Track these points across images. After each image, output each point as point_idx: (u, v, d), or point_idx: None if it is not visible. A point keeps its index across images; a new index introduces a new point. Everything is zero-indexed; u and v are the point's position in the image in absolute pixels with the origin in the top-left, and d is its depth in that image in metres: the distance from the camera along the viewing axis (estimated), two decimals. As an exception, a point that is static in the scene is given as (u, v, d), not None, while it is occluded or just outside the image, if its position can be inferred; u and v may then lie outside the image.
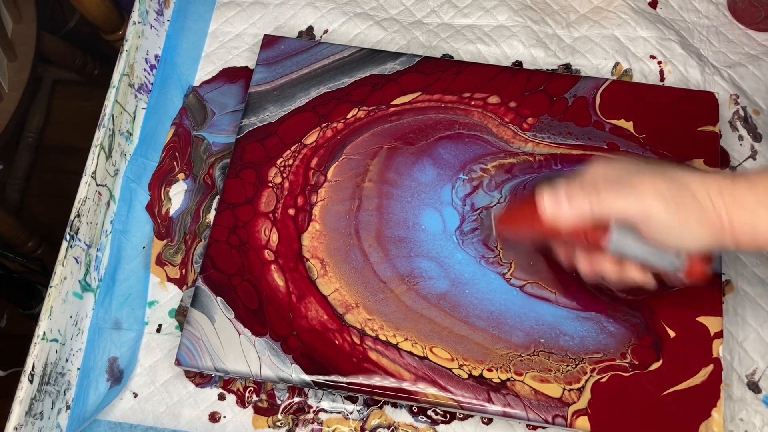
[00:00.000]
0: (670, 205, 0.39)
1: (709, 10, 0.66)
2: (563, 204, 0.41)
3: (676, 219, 0.40)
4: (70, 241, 0.53)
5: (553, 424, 0.50)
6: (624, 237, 0.42)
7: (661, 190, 0.40)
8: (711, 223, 0.40)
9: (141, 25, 0.61)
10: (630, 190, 0.40)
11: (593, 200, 0.40)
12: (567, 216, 0.41)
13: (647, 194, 0.40)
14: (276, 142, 0.59)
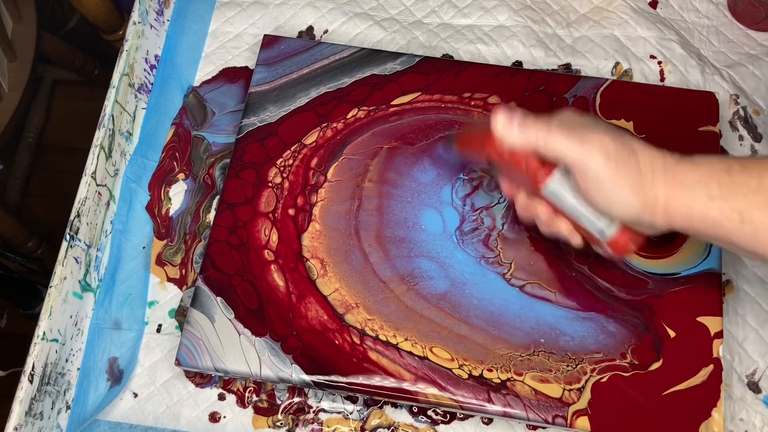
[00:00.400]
0: (609, 163, 0.40)
1: (709, 10, 0.66)
2: (514, 126, 0.42)
3: (610, 178, 0.40)
4: (70, 241, 0.53)
5: (553, 424, 0.50)
6: (563, 186, 0.43)
7: (607, 147, 0.40)
8: (644, 194, 0.40)
9: (141, 25, 0.61)
10: (578, 137, 0.41)
11: (542, 134, 0.41)
12: (514, 139, 0.42)
13: (593, 145, 0.40)
14: (276, 142, 0.59)
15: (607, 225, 0.43)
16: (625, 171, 0.40)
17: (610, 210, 0.42)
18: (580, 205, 0.43)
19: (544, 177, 0.43)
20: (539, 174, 0.43)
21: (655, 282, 0.53)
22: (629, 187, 0.40)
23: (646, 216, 0.41)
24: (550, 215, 0.45)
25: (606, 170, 0.40)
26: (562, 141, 0.41)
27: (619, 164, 0.40)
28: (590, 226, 0.44)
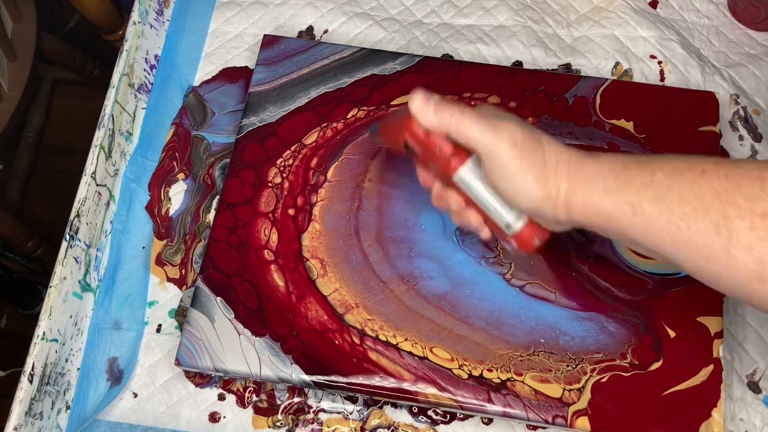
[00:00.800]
0: (516, 151, 0.41)
1: (710, 10, 0.66)
2: (430, 107, 0.43)
3: (516, 167, 0.41)
4: (69, 241, 0.53)
5: (553, 424, 0.50)
6: (474, 175, 0.44)
7: (515, 136, 0.41)
8: (547, 185, 0.41)
9: (141, 25, 0.61)
10: (490, 124, 0.42)
11: (455, 118, 0.42)
12: (429, 119, 0.43)
13: (501, 133, 0.41)
14: (276, 142, 0.59)
15: (515, 219, 0.44)
16: (531, 161, 0.41)
17: (515, 198, 0.43)
18: (490, 196, 0.44)
19: (456, 164, 0.44)
20: (452, 160, 0.44)
21: (655, 282, 0.53)
22: (533, 177, 0.41)
23: (548, 207, 0.42)
24: (461, 206, 0.46)
25: (512, 158, 0.41)
26: (473, 126, 0.42)
27: (525, 153, 0.41)
28: (498, 218, 0.45)
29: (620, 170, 0.40)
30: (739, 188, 0.36)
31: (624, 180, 0.39)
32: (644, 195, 0.38)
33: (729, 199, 0.36)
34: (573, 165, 0.41)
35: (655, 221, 0.38)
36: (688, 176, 0.38)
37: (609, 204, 0.40)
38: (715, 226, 0.36)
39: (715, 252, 0.36)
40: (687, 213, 0.37)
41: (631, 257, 0.54)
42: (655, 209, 0.38)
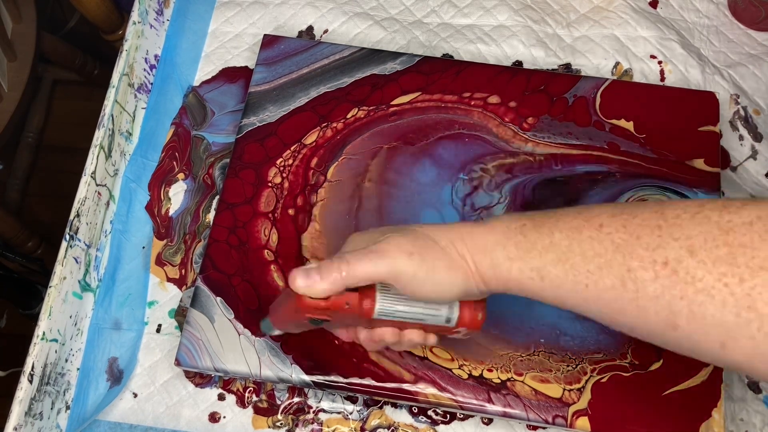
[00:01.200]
0: (415, 258, 0.40)
1: (710, 9, 0.66)
2: (315, 278, 0.41)
3: (424, 270, 0.40)
4: (69, 241, 0.53)
5: (554, 424, 0.50)
6: (390, 302, 0.42)
7: (405, 247, 0.40)
8: (459, 268, 0.40)
9: (141, 25, 0.61)
10: (375, 253, 0.41)
11: (343, 268, 0.41)
12: (321, 288, 0.41)
13: (391, 252, 0.40)
14: (276, 142, 0.59)
15: (449, 310, 0.43)
16: (433, 259, 0.40)
17: (441, 296, 0.42)
18: (416, 308, 0.43)
19: (370, 305, 0.42)
20: (363, 305, 0.42)
21: (655, 282, 0.53)
22: (444, 269, 0.40)
23: (471, 286, 0.41)
24: (396, 333, 0.45)
25: (415, 267, 0.40)
26: (363, 266, 0.41)
27: (424, 255, 0.40)
28: (435, 321, 0.44)
29: (517, 236, 0.39)
30: (638, 238, 0.36)
31: (524, 247, 0.39)
32: (547, 259, 0.38)
33: (630, 251, 0.36)
34: (467, 239, 0.41)
35: (562, 283, 0.38)
36: (586, 233, 0.37)
37: (515, 272, 0.39)
38: (621, 280, 0.36)
39: (625, 306, 0.36)
40: (591, 271, 0.37)
41: None
42: (560, 271, 0.38)
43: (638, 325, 0.37)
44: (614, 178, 0.57)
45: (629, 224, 0.36)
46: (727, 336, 0.33)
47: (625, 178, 0.56)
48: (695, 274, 0.33)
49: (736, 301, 0.32)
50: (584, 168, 0.57)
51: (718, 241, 0.33)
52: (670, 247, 0.35)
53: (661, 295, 0.34)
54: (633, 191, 0.56)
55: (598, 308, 0.37)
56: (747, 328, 0.32)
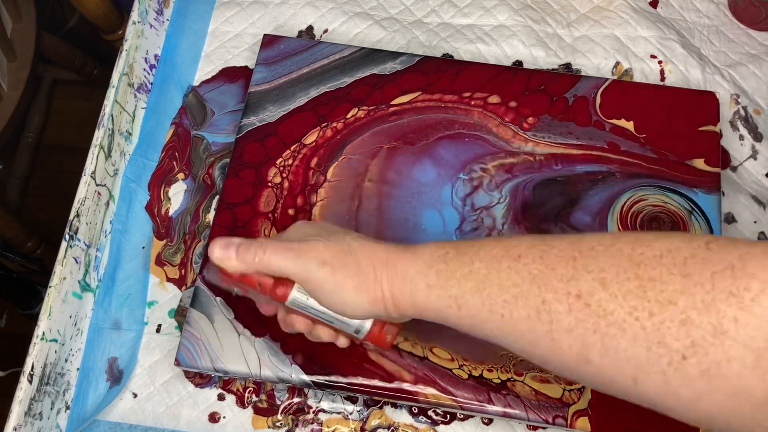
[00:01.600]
0: (326, 269, 0.40)
1: (710, 9, 0.66)
2: (230, 253, 0.42)
3: (332, 283, 0.40)
4: (69, 241, 0.53)
5: (554, 424, 0.50)
6: (305, 296, 0.43)
7: (324, 255, 0.41)
8: (369, 291, 0.40)
9: (141, 24, 0.61)
10: (294, 252, 0.41)
11: (258, 255, 0.41)
12: (233, 265, 0.42)
13: (309, 256, 0.41)
14: (276, 141, 0.59)
15: (360, 324, 0.43)
16: (345, 272, 0.40)
17: (345, 313, 0.42)
18: (328, 312, 0.43)
19: (284, 292, 0.43)
20: (278, 290, 0.43)
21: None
22: (352, 288, 0.40)
23: (379, 310, 0.41)
24: (308, 325, 0.45)
25: (325, 276, 0.40)
26: (278, 257, 0.41)
27: (337, 268, 0.40)
28: (345, 329, 0.44)
29: (439, 264, 0.39)
30: (554, 270, 0.35)
31: (444, 275, 0.39)
32: (465, 287, 0.38)
33: (545, 283, 0.35)
34: (391, 265, 0.40)
35: (479, 312, 0.37)
36: (505, 263, 0.37)
37: (433, 300, 0.39)
38: (536, 311, 0.35)
39: (539, 337, 0.36)
40: (508, 301, 0.36)
41: None
42: (478, 300, 0.37)
43: (552, 358, 0.36)
44: (614, 178, 0.57)
45: (546, 255, 0.36)
46: (639, 371, 0.33)
47: (625, 178, 0.56)
48: (607, 307, 0.33)
49: (646, 335, 0.32)
50: (584, 168, 0.57)
51: (629, 273, 0.33)
52: (583, 280, 0.34)
53: (575, 328, 0.34)
54: (633, 191, 0.56)
55: (514, 339, 0.37)
56: (658, 364, 0.32)
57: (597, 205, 0.56)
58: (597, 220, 0.55)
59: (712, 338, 0.31)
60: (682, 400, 0.32)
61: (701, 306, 0.31)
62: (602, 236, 0.36)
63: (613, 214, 0.55)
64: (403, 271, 0.40)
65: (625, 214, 0.55)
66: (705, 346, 0.31)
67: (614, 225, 0.55)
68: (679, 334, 0.31)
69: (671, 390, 0.32)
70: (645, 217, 0.55)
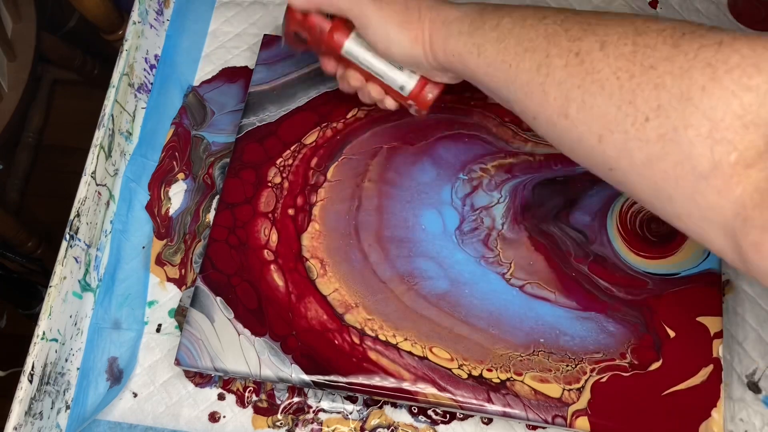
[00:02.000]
0: (376, 4, 0.44)
1: (710, 9, 0.66)
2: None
3: (378, 17, 0.44)
4: (69, 240, 0.53)
5: (553, 424, 0.50)
6: (359, 45, 0.46)
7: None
8: (411, 29, 0.44)
9: (141, 24, 0.61)
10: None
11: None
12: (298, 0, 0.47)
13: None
14: (275, 141, 0.59)
15: (406, 79, 0.47)
16: (392, 9, 0.44)
17: (388, 51, 0.45)
18: (378, 62, 0.46)
19: (341, 39, 0.46)
20: (335, 36, 0.46)
21: (654, 282, 0.53)
22: (396, 24, 0.44)
23: (418, 51, 0.44)
24: (362, 81, 0.49)
25: (373, 11, 0.44)
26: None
27: (385, 3, 0.44)
28: (392, 83, 0.47)
29: (475, 15, 0.42)
30: (567, 31, 0.38)
31: (476, 24, 0.42)
32: (489, 37, 0.41)
33: (554, 41, 0.38)
34: (435, 9, 0.44)
35: (493, 61, 0.40)
36: (529, 21, 0.40)
37: (460, 45, 0.42)
38: (538, 65, 0.38)
39: (533, 89, 0.38)
40: (518, 53, 0.39)
41: (631, 257, 0.54)
42: (494, 49, 0.40)
43: (539, 110, 0.38)
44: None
45: (567, 19, 0.38)
46: (605, 129, 0.35)
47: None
48: (597, 65, 0.35)
49: (621, 94, 0.34)
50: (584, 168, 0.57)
51: (629, 40, 0.35)
52: (587, 40, 0.36)
53: (564, 82, 0.36)
54: (633, 191, 0.56)
55: (514, 89, 0.40)
56: (623, 122, 0.34)
57: (596, 205, 0.56)
58: (596, 220, 0.55)
59: (677, 103, 0.32)
60: (635, 162, 0.34)
61: (677, 72, 0.33)
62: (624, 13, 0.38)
63: (613, 214, 0.55)
64: (443, 16, 0.44)
65: (624, 214, 0.55)
66: (668, 110, 0.32)
67: (614, 225, 0.55)
68: (650, 96, 0.33)
69: (627, 150, 0.34)
70: (644, 217, 0.55)
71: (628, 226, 0.55)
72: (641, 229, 0.55)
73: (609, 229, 0.55)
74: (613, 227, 0.55)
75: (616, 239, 0.55)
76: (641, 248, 0.54)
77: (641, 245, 0.54)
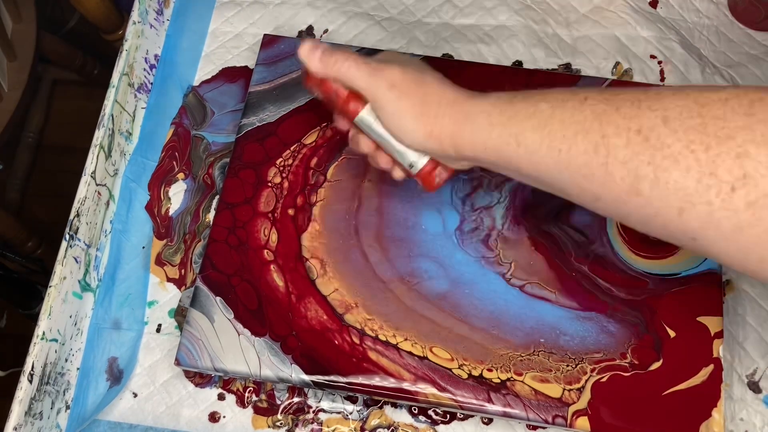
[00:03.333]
0: (393, 92, 0.43)
1: (710, 9, 0.66)
2: (315, 54, 0.45)
3: (395, 107, 0.43)
4: (69, 240, 0.53)
5: (553, 424, 0.50)
6: (373, 117, 0.45)
7: (395, 79, 0.43)
8: (427, 124, 0.43)
9: (141, 24, 0.61)
10: (369, 69, 0.44)
11: (339, 64, 0.44)
12: (316, 66, 0.45)
13: (381, 75, 0.43)
14: (275, 141, 0.59)
15: (417, 158, 0.46)
16: (409, 101, 0.43)
17: (401, 138, 0.44)
18: (390, 138, 0.45)
19: (356, 108, 0.45)
20: (351, 104, 0.45)
21: (655, 282, 0.53)
22: (411, 116, 0.43)
23: (432, 145, 0.43)
24: (371, 148, 0.48)
25: (390, 99, 0.43)
26: (355, 71, 0.44)
27: (404, 94, 0.43)
28: (401, 159, 0.46)
29: (505, 105, 0.41)
30: (617, 109, 0.37)
31: (509, 113, 0.41)
32: (527, 125, 0.40)
33: (607, 120, 0.37)
34: (457, 104, 0.43)
35: (538, 148, 0.39)
36: (570, 104, 0.39)
37: (494, 138, 0.41)
38: (594, 145, 0.37)
39: (593, 170, 0.37)
40: (567, 136, 0.38)
41: (631, 257, 0.54)
42: (537, 136, 0.39)
43: (603, 191, 0.37)
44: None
45: (613, 98, 0.38)
46: (686, 201, 0.34)
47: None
48: (665, 140, 0.34)
49: (699, 167, 0.33)
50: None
51: (693, 112, 0.34)
52: (645, 117, 0.36)
53: (630, 161, 0.35)
54: (633, 191, 0.56)
55: (569, 174, 0.38)
56: (706, 194, 0.33)
57: (597, 205, 0.56)
58: (597, 220, 0.55)
59: (765, 170, 0.32)
60: (724, 231, 0.34)
61: (761, 140, 0.32)
62: (669, 86, 0.37)
63: (613, 214, 0.55)
64: (467, 111, 0.42)
65: (624, 214, 0.55)
66: (756, 178, 0.32)
67: (614, 225, 0.55)
68: (733, 166, 0.32)
69: (714, 221, 0.34)
70: (645, 217, 0.55)
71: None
72: (641, 229, 0.55)
73: (609, 230, 0.55)
74: (613, 227, 0.55)
75: (616, 239, 0.55)
76: (641, 248, 0.54)
77: (641, 245, 0.54)
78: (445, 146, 0.43)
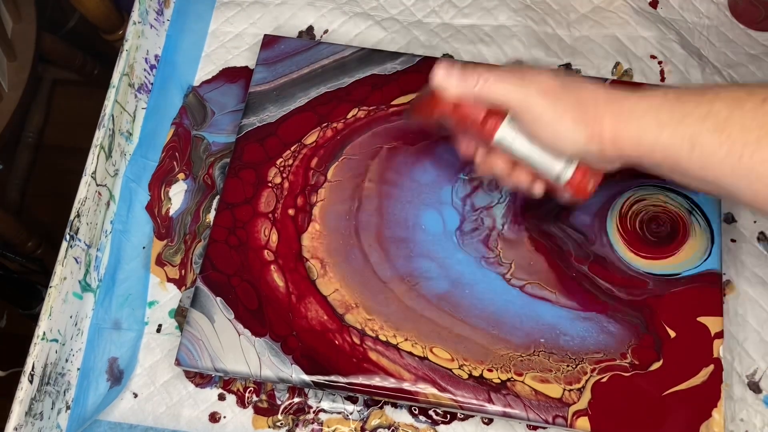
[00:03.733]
0: (548, 98, 0.40)
1: (710, 9, 0.66)
2: (453, 76, 0.42)
3: (551, 114, 0.40)
4: (70, 241, 0.53)
5: (554, 424, 0.50)
6: (513, 133, 0.43)
7: (546, 86, 0.41)
8: (588, 125, 0.40)
9: (141, 24, 0.61)
10: (518, 79, 0.41)
11: (481, 79, 0.42)
12: (453, 88, 0.42)
13: (530, 84, 0.41)
14: (276, 142, 0.59)
15: (563, 167, 0.43)
16: (566, 105, 0.41)
17: (558, 146, 0.42)
18: (534, 151, 0.43)
19: (493, 126, 0.43)
20: (488, 124, 0.43)
21: (655, 282, 0.53)
22: (571, 120, 0.40)
23: (593, 147, 0.41)
24: (508, 167, 0.45)
25: (545, 107, 0.41)
26: (500, 85, 0.41)
27: (559, 99, 0.41)
28: (546, 171, 0.44)
29: (673, 103, 0.39)
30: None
31: (679, 113, 0.38)
32: (703, 127, 0.37)
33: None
34: (615, 102, 0.40)
35: (714, 153, 0.37)
36: (749, 105, 0.36)
37: (665, 139, 0.38)
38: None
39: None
40: (749, 142, 0.36)
41: (631, 257, 0.54)
42: (716, 141, 0.37)
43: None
44: (614, 178, 0.56)
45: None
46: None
47: (625, 178, 0.56)
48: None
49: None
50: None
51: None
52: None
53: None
54: (632, 191, 0.56)
55: (747, 181, 0.36)
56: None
57: (596, 205, 0.56)
58: (597, 220, 0.55)
59: None
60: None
61: None
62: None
63: (613, 214, 0.55)
64: (629, 108, 0.40)
65: (624, 214, 0.55)
66: None
67: (614, 225, 0.55)
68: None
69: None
70: (644, 217, 0.55)
71: (629, 226, 0.55)
72: (641, 229, 0.55)
73: (609, 230, 0.55)
74: (613, 227, 0.55)
75: (616, 239, 0.55)
76: (641, 248, 0.54)
77: (641, 245, 0.54)
78: (606, 146, 0.40)
